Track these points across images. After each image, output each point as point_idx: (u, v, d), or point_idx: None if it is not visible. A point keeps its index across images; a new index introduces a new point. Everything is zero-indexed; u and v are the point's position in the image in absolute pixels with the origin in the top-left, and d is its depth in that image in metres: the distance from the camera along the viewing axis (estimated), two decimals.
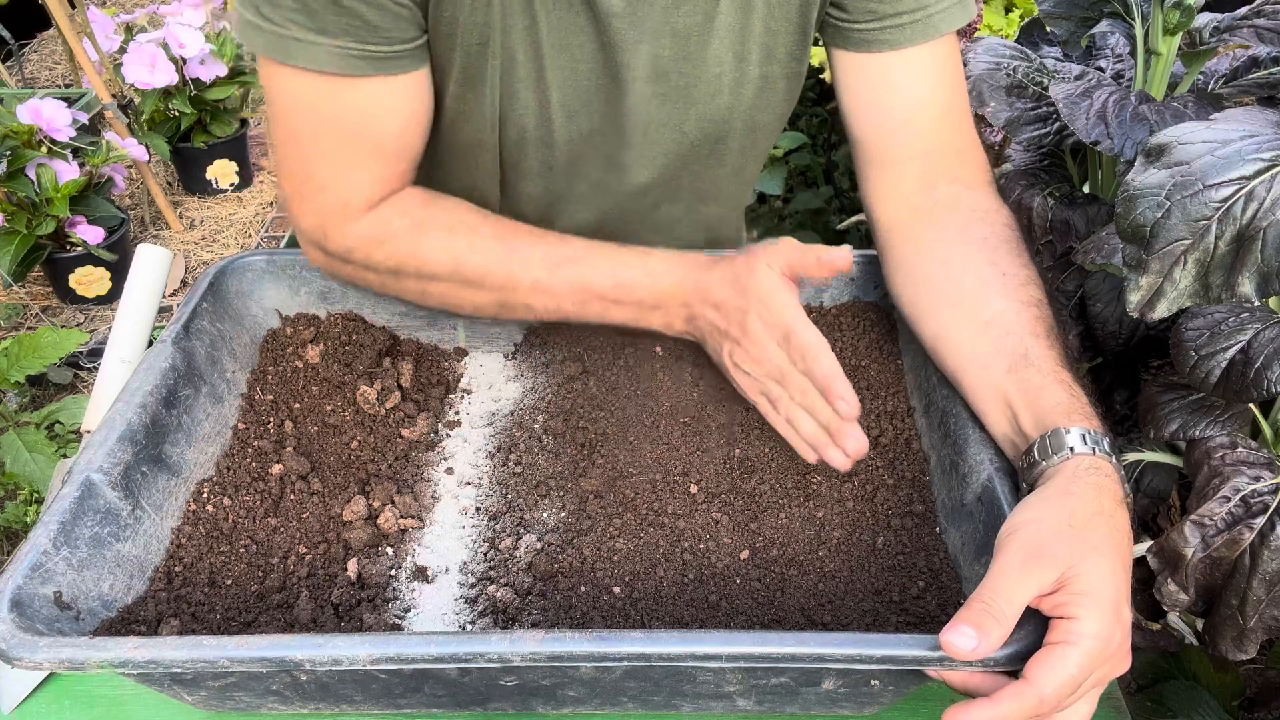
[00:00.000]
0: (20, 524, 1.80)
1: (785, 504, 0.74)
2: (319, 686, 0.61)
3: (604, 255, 0.79)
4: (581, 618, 0.66)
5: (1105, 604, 0.54)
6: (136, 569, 0.68)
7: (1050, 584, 0.55)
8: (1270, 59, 1.12)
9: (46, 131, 2.15)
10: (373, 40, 0.73)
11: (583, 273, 0.78)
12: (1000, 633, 0.54)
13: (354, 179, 0.78)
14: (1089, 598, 0.54)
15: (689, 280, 0.76)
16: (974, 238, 0.78)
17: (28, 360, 1.73)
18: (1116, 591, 0.55)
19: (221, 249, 2.56)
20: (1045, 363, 0.69)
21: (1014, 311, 0.73)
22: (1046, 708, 0.53)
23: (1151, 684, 1.05)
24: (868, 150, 0.85)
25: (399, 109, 0.78)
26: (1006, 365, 0.70)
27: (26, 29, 3.31)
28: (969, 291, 0.76)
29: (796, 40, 0.82)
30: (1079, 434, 0.63)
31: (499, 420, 0.84)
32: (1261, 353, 0.84)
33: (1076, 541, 0.56)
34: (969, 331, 0.74)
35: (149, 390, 0.74)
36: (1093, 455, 0.62)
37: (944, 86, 0.82)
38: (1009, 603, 0.54)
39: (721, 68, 0.81)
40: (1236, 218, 0.72)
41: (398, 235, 0.79)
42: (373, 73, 0.74)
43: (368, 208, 0.79)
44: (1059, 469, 0.62)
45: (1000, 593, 0.55)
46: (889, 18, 0.79)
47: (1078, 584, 0.54)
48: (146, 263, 0.98)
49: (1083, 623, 0.53)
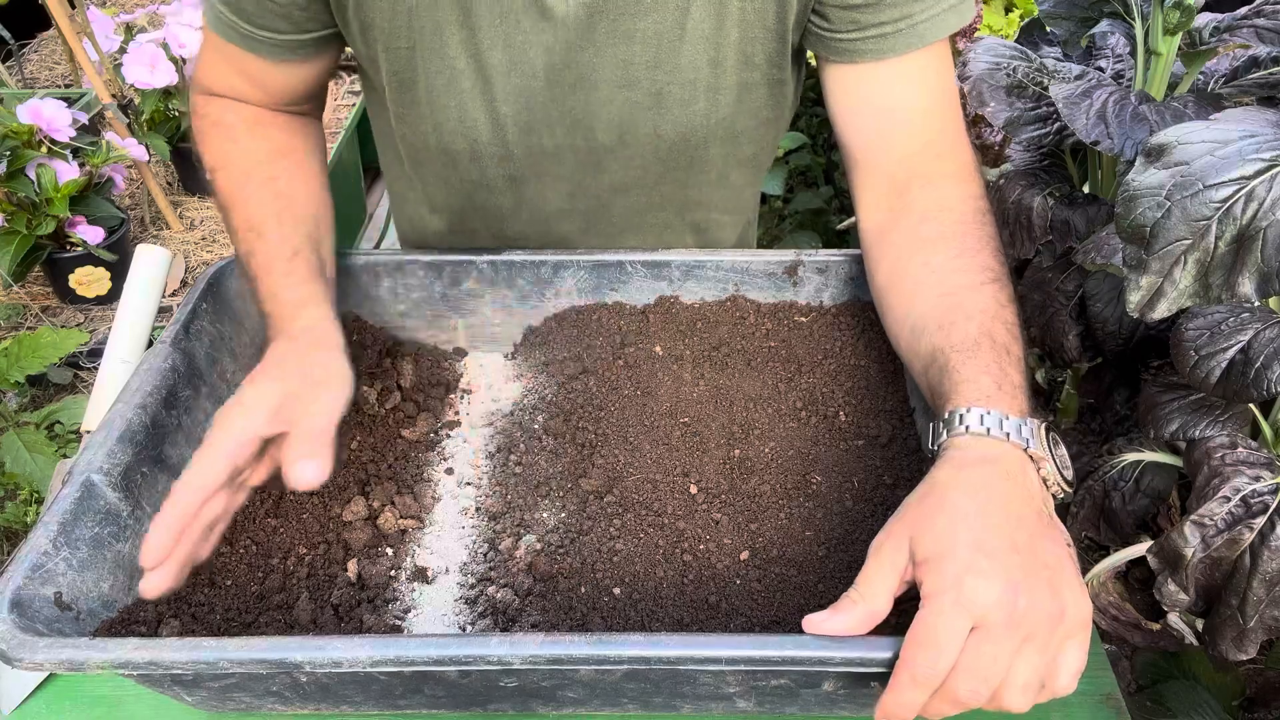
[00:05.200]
0: (20, 524, 1.80)
1: (785, 504, 0.74)
2: (319, 687, 0.61)
3: (278, 253, 0.79)
4: (581, 619, 0.66)
5: (942, 558, 0.54)
6: (137, 569, 0.68)
7: (904, 562, 0.56)
8: (1270, 59, 1.12)
9: (46, 131, 2.15)
10: (241, 18, 0.81)
11: (255, 247, 0.79)
12: (858, 611, 0.55)
13: (214, 72, 0.87)
14: (926, 561, 0.55)
15: (273, 330, 0.74)
16: (919, 239, 0.78)
17: (28, 360, 1.73)
18: (951, 544, 0.55)
19: (221, 249, 2.56)
20: (942, 354, 0.69)
21: (930, 308, 0.73)
22: (927, 679, 0.52)
23: (1151, 684, 1.05)
24: (852, 155, 0.85)
25: (267, 73, 0.85)
26: (923, 368, 0.71)
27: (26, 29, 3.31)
28: (905, 298, 0.76)
29: (775, 47, 0.82)
30: (940, 422, 0.64)
31: (499, 420, 0.84)
32: (1261, 353, 0.84)
33: (914, 516, 0.58)
34: (903, 340, 0.75)
35: (149, 391, 0.74)
36: (963, 434, 0.62)
37: (929, 92, 0.82)
38: (868, 586, 0.56)
39: (696, 73, 0.81)
40: (1236, 218, 0.72)
41: (202, 116, 0.88)
42: (240, 45, 0.82)
43: (210, 92, 0.88)
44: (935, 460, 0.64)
45: (860, 581, 0.57)
46: (871, 27, 0.78)
47: (919, 553, 0.56)
48: (146, 263, 0.98)
49: (925, 584, 0.54)
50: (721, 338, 0.88)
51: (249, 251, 0.79)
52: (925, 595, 0.54)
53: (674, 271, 0.89)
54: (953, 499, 0.58)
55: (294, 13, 0.80)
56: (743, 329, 0.89)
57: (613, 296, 0.91)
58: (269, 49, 0.82)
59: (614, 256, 0.89)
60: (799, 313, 0.90)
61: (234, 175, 0.84)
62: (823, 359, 0.86)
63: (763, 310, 0.90)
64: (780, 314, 0.90)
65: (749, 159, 0.93)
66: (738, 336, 0.88)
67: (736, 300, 0.90)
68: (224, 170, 0.84)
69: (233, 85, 0.87)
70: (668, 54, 0.80)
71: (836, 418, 0.81)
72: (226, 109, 0.87)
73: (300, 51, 0.83)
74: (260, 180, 0.83)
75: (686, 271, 0.89)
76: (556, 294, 0.91)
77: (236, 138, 0.86)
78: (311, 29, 0.82)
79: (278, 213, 0.81)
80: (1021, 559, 0.55)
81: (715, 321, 0.89)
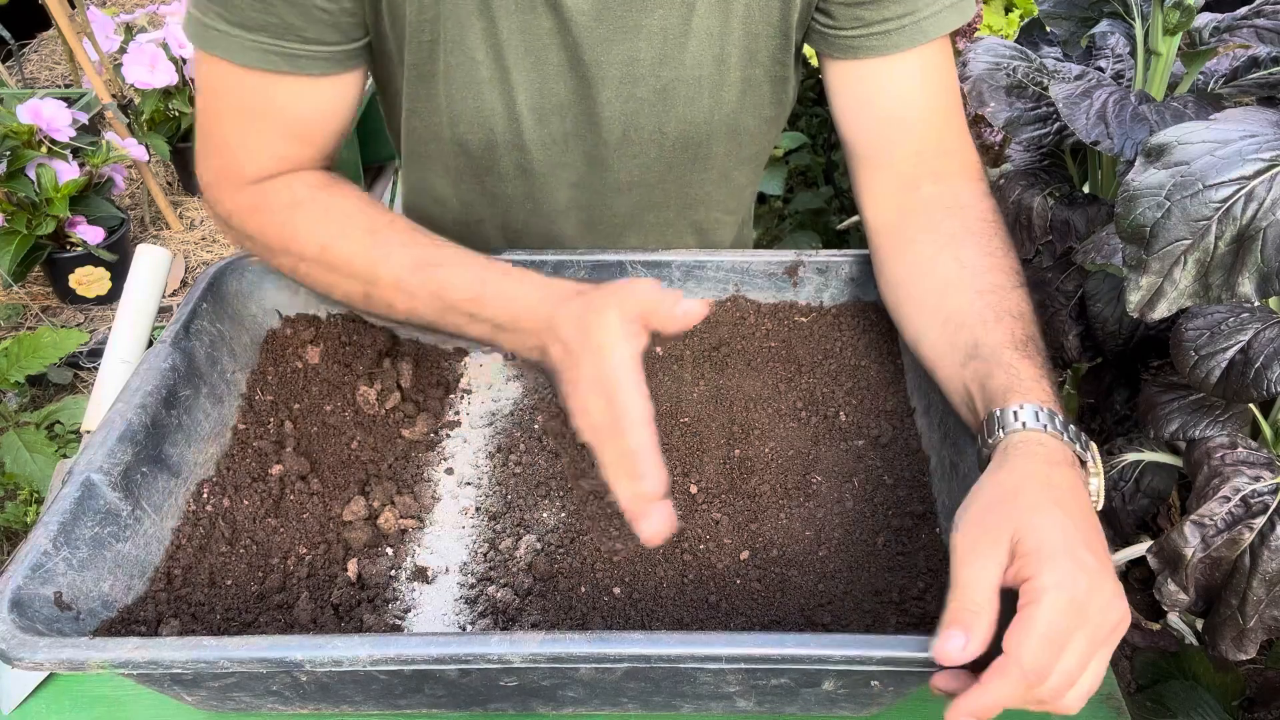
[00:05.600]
0: (20, 524, 1.80)
1: (785, 504, 0.74)
2: (319, 687, 0.61)
3: (468, 266, 0.74)
4: (581, 618, 0.66)
5: (1056, 554, 0.53)
6: (136, 569, 0.68)
7: (1005, 556, 0.55)
8: (1270, 59, 1.12)
9: (46, 131, 2.15)
10: (288, 39, 0.75)
11: (442, 279, 0.74)
12: (985, 623, 0.53)
13: (250, 148, 0.79)
14: (1037, 553, 0.54)
15: (542, 311, 0.69)
16: (943, 234, 0.78)
17: (28, 360, 1.73)
18: (1065, 539, 0.54)
19: (221, 249, 2.56)
20: (989, 348, 0.69)
21: (967, 303, 0.73)
22: (1036, 675, 0.52)
23: (1151, 684, 1.05)
24: (857, 153, 0.85)
25: (310, 104, 0.79)
26: (960, 360, 0.70)
27: (26, 29, 3.31)
28: (932, 291, 0.76)
29: (779, 44, 0.82)
30: (1011, 412, 0.63)
31: (499, 420, 0.84)
32: (1261, 353, 0.84)
33: (1012, 508, 0.56)
34: (933, 332, 0.74)
35: (149, 390, 0.74)
36: (1023, 430, 0.62)
37: (932, 89, 0.82)
38: (979, 590, 0.54)
39: (701, 70, 0.81)
40: (1236, 218, 0.72)
41: (273, 209, 0.79)
42: (287, 69, 0.76)
43: (259, 179, 0.80)
44: (996, 449, 0.63)
45: (967, 585, 0.54)
46: (875, 24, 0.79)
47: (1024, 545, 0.54)
48: (146, 263, 0.98)
49: (1038, 579, 0.53)
50: (721, 338, 0.88)
51: (435, 292, 0.74)
52: (1038, 588, 0.52)
53: (674, 271, 0.89)
54: (1054, 495, 0.57)
55: (342, 20, 0.76)
56: (743, 329, 0.89)
57: None
58: (321, 63, 0.77)
59: (614, 256, 0.89)
60: (799, 313, 0.90)
61: (354, 238, 0.77)
62: (823, 359, 0.86)
63: (763, 310, 0.90)
64: (780, 314, 0.90)
65: (751, 157, 0.93)
66: (738, 336, 0.88)
67: (736, 300, 0.90)
68: (335, 243, 0.77)
69: (275, 151, 0.80)
70: (673, 51, 0.80)
71: (836, 418, 0.81)
72: (268, 192, 0.80)
73: (348, 63, 0.79)
74: (370, 225, 0.78)
75: (686, 271, 0.89)
76: None
77: (309, 205, 0.79)
78: (357, 36, 0.78)
79: (413, 236, 0.77)
80: (1109, 564, 0.55)
81: (715, 321, 0.89)
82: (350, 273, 0.76)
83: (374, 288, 0.76)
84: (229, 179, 0.80)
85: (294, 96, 0.78)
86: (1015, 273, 0.75)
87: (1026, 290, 0.74)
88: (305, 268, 0.78)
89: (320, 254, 0.77)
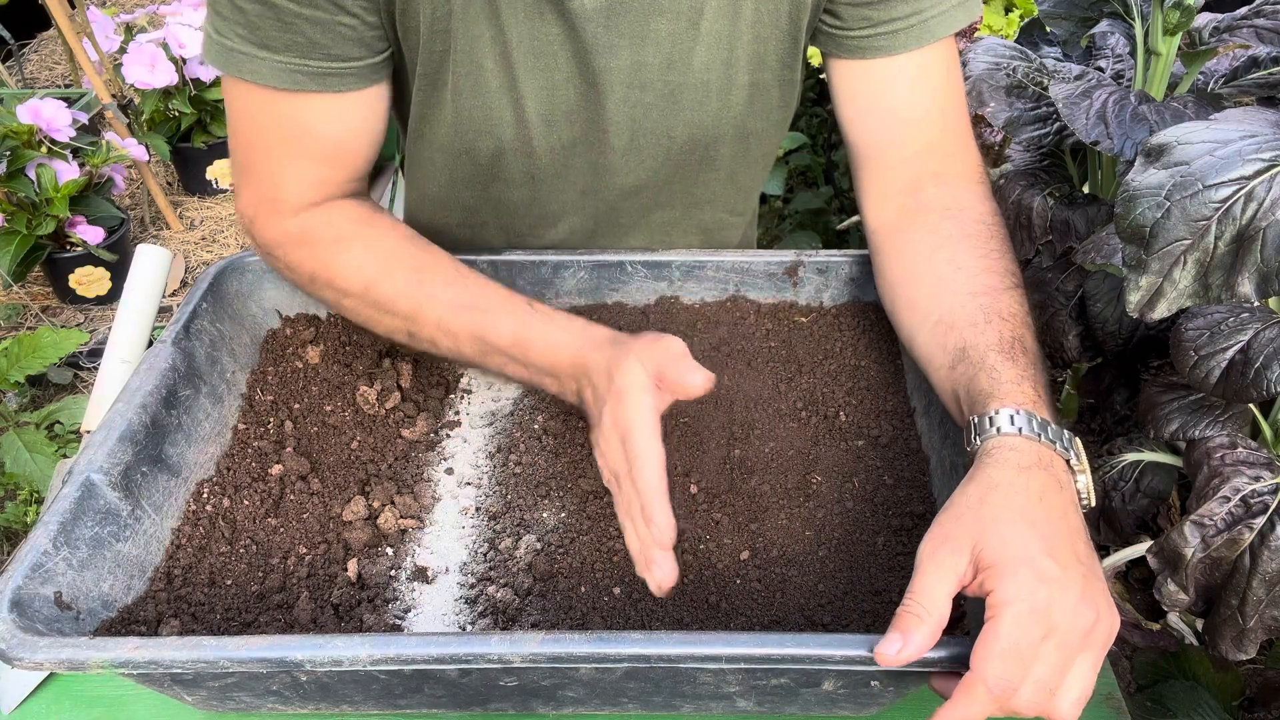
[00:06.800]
0: (20, 524, 1.80)
1: (785, 504, 0.74)
2: (319, 687, 0.61)
3: (510, 311, 0.76)
4: (581, 618, 0.66)
5: (1016, 566, 0.53)
6: (136, 569, 0.68)
7: (965, 567, 0.55)
8: (1270, 59, 1.12)
9: (46, 131, 2.15)
10: (315, 57, 0.74)
11: (484, 323, 0.76)
12: (925, 630, 0.53)
13: (289, 176, 0.79)
14: (997, 566, 0.54)
15: (580, 359, 0.72)
16: (941, 236, 0.78)
17: (28, 360, 1.73)
18: (1025, 550, 0.54)
19: (221, 249, 2.56)
20: (977, 351, 0.68)
21: (959, 305, 0.72)
22: (1002, 689, 0.52)
23: (1151, 684, 1.05)
24: (860, 153, 0.85)
25: (341, 121, 0.79)
26: (950, 363, 0.70)
27: (26, 29, 3.31)
28: (925, 293, 0.76)
29: (787, 48, 0.82)
30: (987, 418, 0.63)
31: (499, 420, 0.84)
32: (1261, 353, 0.84)
33: (974, 519, 0.56)
34: (924, 334, 0.75)
35: (149, 390, 0.74)
36: (997, 435, 0.62)
37: (937, 90, 0.82)
38: (928, 598, 0.54)
39: (709, 74, 0.81)
40: (1236, 218, 0.72)
41: (318, 243, 0.80)
42: (315, 89, 0.76)
43: (301, 208, 0.80)
44: (975, 457, 0.63)
45: (918, 591, 0.55)
46: (883, 24, 0.79)
47: (984, 558, 0.54)
48: (146, 263, 0.98)
49: (997, 592, 0.53)
50: (721, 338, 0.88)
51: (477, 335, 0.75)
52: (998, 602, 0.53)
53: (674, 272, 0.89)
54: (1018, 503, 0.57)
55: (366, 34, 0.76)
56: (743, 329, 0.89)
57: (613, 297, 0.91)
58: (349, 79, 0.77)
59: (614, 257, 0.89)
60: (799, 313, 0.90)
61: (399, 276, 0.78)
62: (823, 359, 0.86)
63: (763, 310, 0.90)
64: (780, 314, 0.90)
65: (758, 159, 0.93)
66: (738, 337, 0.88)
67: (736, 300, 0.90)
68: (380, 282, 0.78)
69: (312, 176, 0.80)
70: (681, 55, 0.80)
71: (836, 418, 0.81)
72: (312, 225, 0.80)
73: (373, 77, 0.79)
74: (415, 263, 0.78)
75: (687, 272, 0.89)
76: (557, 294, 0.91)
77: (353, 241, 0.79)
78: (381, 49, 0.78)
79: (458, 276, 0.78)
80: (1083, 569, 0.55)
81: (715, 322, 0.89)
82: (394, 310, 0.78)
83: (417, 326, 0.77)
84: (270, 210, 0.80)
85: (324, 116, 0.78)
86: (1010, 274, 0.75)
87: (1022, 291, 0.74)
88: (349, 303, 0.80)
89: (365, 292, 0.78)
